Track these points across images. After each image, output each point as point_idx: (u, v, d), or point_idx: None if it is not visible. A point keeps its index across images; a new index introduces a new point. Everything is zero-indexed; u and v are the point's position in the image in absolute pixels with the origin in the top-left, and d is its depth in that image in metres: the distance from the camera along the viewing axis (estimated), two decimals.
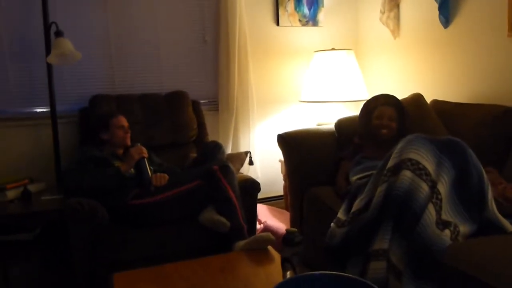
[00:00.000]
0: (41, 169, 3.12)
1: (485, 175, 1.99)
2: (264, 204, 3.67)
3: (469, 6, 2.96)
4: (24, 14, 3.10)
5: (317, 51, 3.64)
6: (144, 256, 2.37)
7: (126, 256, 2.37)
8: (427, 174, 1.92)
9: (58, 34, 2.84)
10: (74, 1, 3.21)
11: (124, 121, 2.83)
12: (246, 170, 3.41)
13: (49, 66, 2.99)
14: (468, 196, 1.96)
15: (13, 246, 2.61)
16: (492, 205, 1.97)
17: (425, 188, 1.89)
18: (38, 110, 3.19)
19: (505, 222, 1.94)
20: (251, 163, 3.25)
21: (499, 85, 2.80)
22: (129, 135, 2.83)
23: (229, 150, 3.58)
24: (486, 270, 1.57)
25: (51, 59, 2.81)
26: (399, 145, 2.06)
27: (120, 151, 2.82)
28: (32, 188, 2.84)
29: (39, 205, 2.66)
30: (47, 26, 2.94)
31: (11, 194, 2.75)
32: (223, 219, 2.40)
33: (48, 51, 2.93)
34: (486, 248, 1.69)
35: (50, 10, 2.98)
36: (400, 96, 2.87)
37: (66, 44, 2.82)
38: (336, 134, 3.01)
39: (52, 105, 3.03)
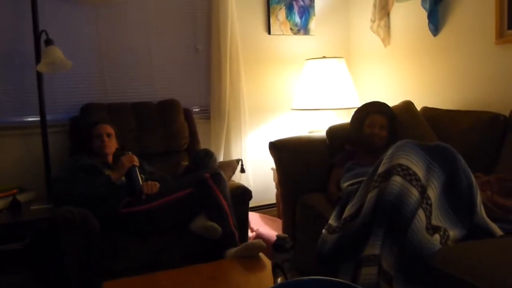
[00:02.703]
0: (31, 178, 3.09)
1: (474, 180, 2.00)
2: (257, 212, 3.66)
3: (457, 15, 3.00)
4: (14, 22, 3.08)
5: (308, 59, 3.66)
6: (138, 264, 2.35)
7: (120, 264, 2.35)
8: (417, 179, 1.93)
9: (48, 42, 2.83)
10: (65, 9, 3.21)
11: (102, 130, 2.80)
12: (238, 178, 3.40)
13: (39, 75, 2.98)
14: (457, 201, 1.98)
15: (3, 256, 2.58)
16: (481, 210, 1.98)
17: (415, 193, 1.90)
18: (28, 119, 3.17)
19: (494, 226, 1.95)
20: (242, 171, 3.24)
21: (487, 92, 2.83)
22: (106, 143, 2.79)
23: (220, 158, 3.58)
24: (475, 273, 1.57)
25: (41, 67, 2.81)
26: (389, 151, 2.07)
27: (110, 159, 2.81)
28: (21, 197, 2.81)
29: (28, 215, 2.64)
30: (37, 34, 2.94)
31: None
32: (215, 225, 2.40)
33: (38, 59, 2.92)
34: (475, 252, 1.70)
35: (40, 18, 2.98)
36: (390, 104, 2.89)
37: (56, 53, 2.81)
38: (327, 142, 3.02)
39: (42, 114, 3.01)
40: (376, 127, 2.69)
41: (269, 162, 3.37)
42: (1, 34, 3.07)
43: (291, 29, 3.92)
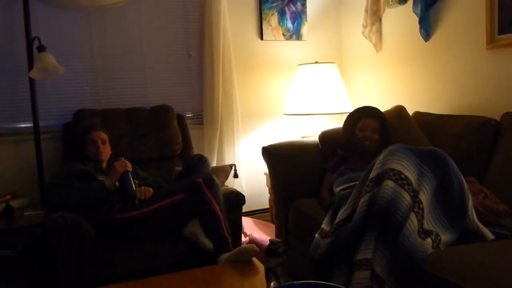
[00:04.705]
0: (24, 184, 3.08)
1: (465, 184, 2.02)
2: (250, 217, 3.66)
3: (448, 20, 3.02)
4: (6, 28, 3.08)
5: (300, 64, 3.68)
6: (132, 270, 2.35)
7: (113, 270, 2.35)
8: (409, 184, 1.94)
9: (41, 48, 2.84)
10: (57, 15, 3.21)
11: (97, 136, 2.80)
12: (231, 183, 3.41)
13: (32, 81, 2.97)
14: (449, 205, 1.99)
15: None
16: (473, 214, 1.99)
17: (407, 197, 1.91)
18: (21, 126, 3.16)
19: (485, 230, 1.97)
20: (236, 176, 3.24)
21: (478, 97, 2.85)
22: (101, 150, 2.79)
23: (214, 163, 3.58)
24: (467, 277, 1.58)
25: (33, 73, 2.81)
26: (381, 156, 2.08)
27: (104, 165, 2.81)
28: (14, 203, 2.81)
29: (21, 221, 2.64)
30: (29, 41, 2.94)
31: None
32: (208, 243, 2.41)
33: (30, 65, 2.92)
34: (467, 256, 1.71)
35: (32, 25, 2.98)
36: (382, 108, 2.91)
37: (49, 59, 2.81)
38: (320, 147, 3.04)
39: (35, 120, 3.01)
40: (368, 131, 2.70)
41: (262, 167, 3.38)
42: None
43: (283, 34, 3.94)
